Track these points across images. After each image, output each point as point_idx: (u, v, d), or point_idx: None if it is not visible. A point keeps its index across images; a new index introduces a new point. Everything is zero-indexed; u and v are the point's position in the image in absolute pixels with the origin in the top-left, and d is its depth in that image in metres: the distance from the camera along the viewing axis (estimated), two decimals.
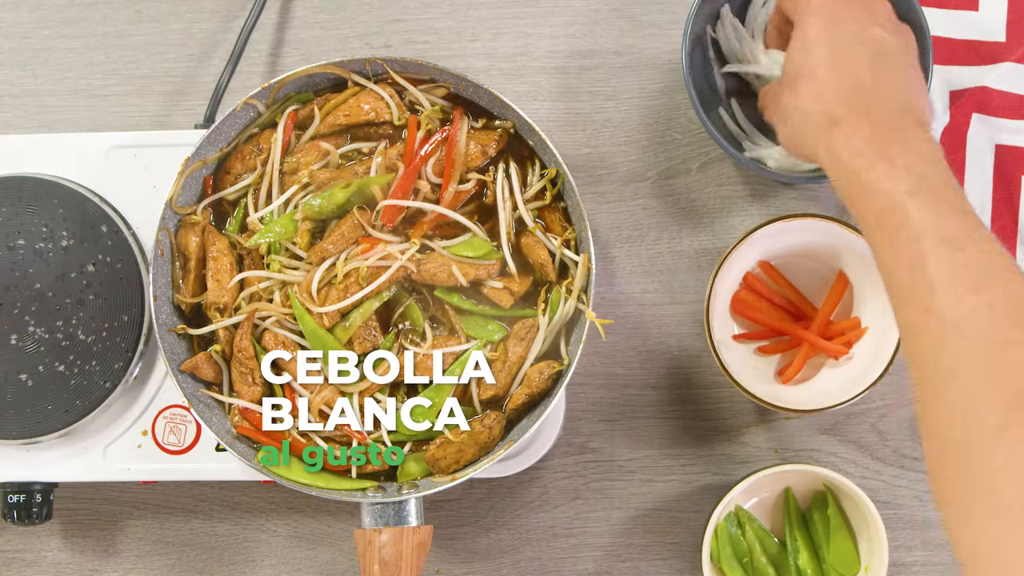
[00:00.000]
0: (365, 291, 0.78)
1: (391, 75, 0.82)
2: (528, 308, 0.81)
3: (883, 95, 0.69)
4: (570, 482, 0.91)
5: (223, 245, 0.82)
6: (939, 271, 0.61)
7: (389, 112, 0.82)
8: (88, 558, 0.93)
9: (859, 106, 0.68)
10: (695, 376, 0.91)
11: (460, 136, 0.80)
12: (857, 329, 0.86)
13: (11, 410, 0.83)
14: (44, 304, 0.83)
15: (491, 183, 0.81)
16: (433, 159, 0.81)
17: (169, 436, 0.84)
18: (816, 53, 0.71)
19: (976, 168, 0.90)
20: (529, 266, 0.82)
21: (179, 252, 0.82)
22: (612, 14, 0.94)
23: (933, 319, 0.61)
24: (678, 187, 0.92)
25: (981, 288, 0.60)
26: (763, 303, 0.88)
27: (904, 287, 0.63)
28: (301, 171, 0.81)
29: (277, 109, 0.83)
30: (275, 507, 0.92)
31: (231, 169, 0.83)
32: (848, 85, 0.69)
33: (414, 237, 0.80)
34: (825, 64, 0.70)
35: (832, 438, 0.90)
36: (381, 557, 0.76)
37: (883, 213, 0.64)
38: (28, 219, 0.84)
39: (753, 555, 0.86)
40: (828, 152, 0.68)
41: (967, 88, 0.90)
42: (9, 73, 0.97)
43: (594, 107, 0.93)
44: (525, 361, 0.80)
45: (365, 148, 0.83)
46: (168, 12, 0.96)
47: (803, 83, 0.71)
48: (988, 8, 0.90)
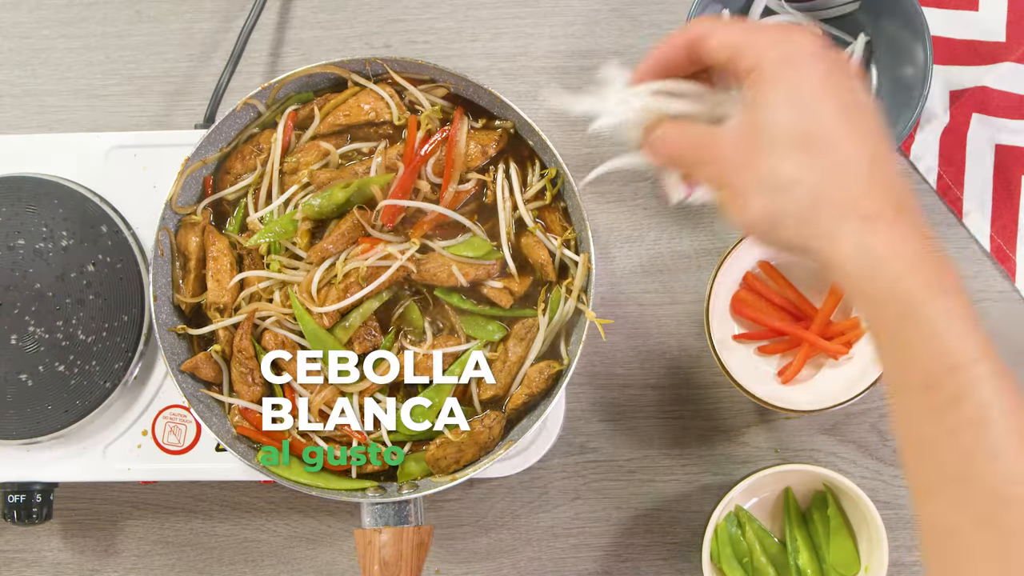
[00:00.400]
0: (365, 291, 0.78)
1: (391, 75, 0.82)
2: (528, 308, 0.81)
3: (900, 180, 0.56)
4: (570, 482, 0.91)
5: (223, 245, 0.82)
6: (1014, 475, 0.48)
7: (389, 112, 0.82)
8: (88, 558, 0.93)
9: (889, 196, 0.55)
10: (695, 376, 0.91)
11: (460, 136, 0.80)
12: (857, 329, 0.86)
13: (11, 410, 0.83)
14: (44, 304, 0.83)
15: (491, 183, 0.81)
16: (433, 159, 0.81)
17: (169, 436, 0.84)
18: (824, 113, 0.55)
19: (976, 168, 0.90)
20: (529, 266, 0.82)
21: (179, 252, 0.82)
22: (612, 14, 0.94)
23: (994, 533, 0.48)
24: None
25: None
26: (763, 303, 0.88)
27: (951, 480, 0.50)
28: (301, 171, 0.81)
29: (277, 109, 0.83)
30: (275, 507, 0.92)
31: (231, 169, 0.83)
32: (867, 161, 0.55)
33: (414, 237, 0.79)
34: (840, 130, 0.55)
35: (832, 438, 0.90)
36: (381, 557, 0.76)
37: (939, 375, 0.51)
38: (28, 219, 0.84)
39: (753, 555, 0.86)
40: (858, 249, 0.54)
41: (967, 88, 0.90)
42: (9, 73, 0.97)
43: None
44: (525, 361, 0.80)
45: (365, 148, 0.83)
46: (168, 12, 0.96)
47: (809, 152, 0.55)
48: (988, 8, 0.90)
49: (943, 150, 0.90)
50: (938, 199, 0.91)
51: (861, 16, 0.88)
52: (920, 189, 0.91)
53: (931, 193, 0.91)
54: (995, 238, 0.89)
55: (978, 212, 0.90)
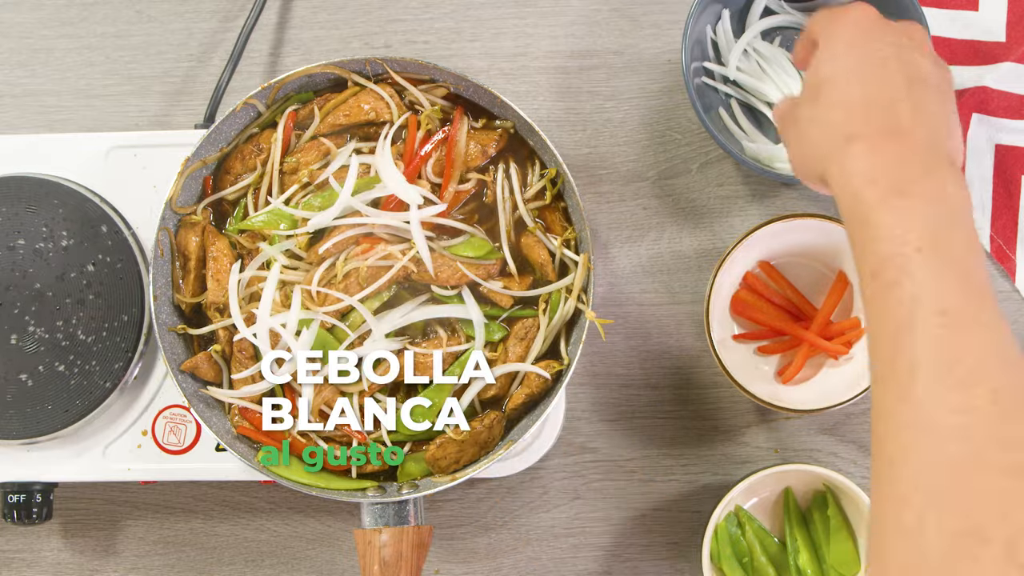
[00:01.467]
0: (365, 292, 0.78)
1: (391, 75, 0.82)
2: (528, 308, 0.81)
3: (917, 120, 0.59)
4: (570, 482, 0.91)
5: (223, 245, 0.82)
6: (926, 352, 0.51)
7: (389, 112, 0.82)
8: (88, 558, 0.93)
9: (886, 124, 0.59)
10: (695, 376, 0.91)
11: (460, 136, 0.80)
12: (857, 329, 0.86)
13: (11, 410, 0.83)
14: (44, 304, 0.83)
15: (491, 183, 0.81)
16: (433, 159, 0.81)
17: (169, 436, 0.84)
18: (845, 61, 0.62)
19: (976, 168, 0.90)
20: (529, 266, 0.82)
21: (179, 252, 0.82)
22: (612, 14, 0.94)
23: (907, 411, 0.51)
24: (678, 187, 0.92)
25: (970, 385, 0.50)
26: (763, 303, 0.88)
27: (883, 360, 0.53)
28: (301, 171, 0.81)
29: (277, 109, 0.83)
30: (275, 507, 0.92)
31: (231, 169, 0.83)
32: (878, 100, 0.60)
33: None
34: (854, 72, 0.61)
35: (832, 438, 0.90)
36: (381, 557, 0.76)
37: (882, 262, 0.54)
38: (28, 219, 0.84)
39: (753, 555, 0.86)
40: (840, 171, 0.58)
41: (967, 88, 0.90)
42: (9, 73, 0.97)
43: (594, 107, 0.93)
44: (525, 361, 0.80)
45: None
46: (168, 12, 0.96)
47: (825, 90, 0.62)
48: (988, 8, 0.90)
49: None
50: None
51: None
52: None
53: None
54: (995, 238, 0.89)
55: (978, 212, 0.90)
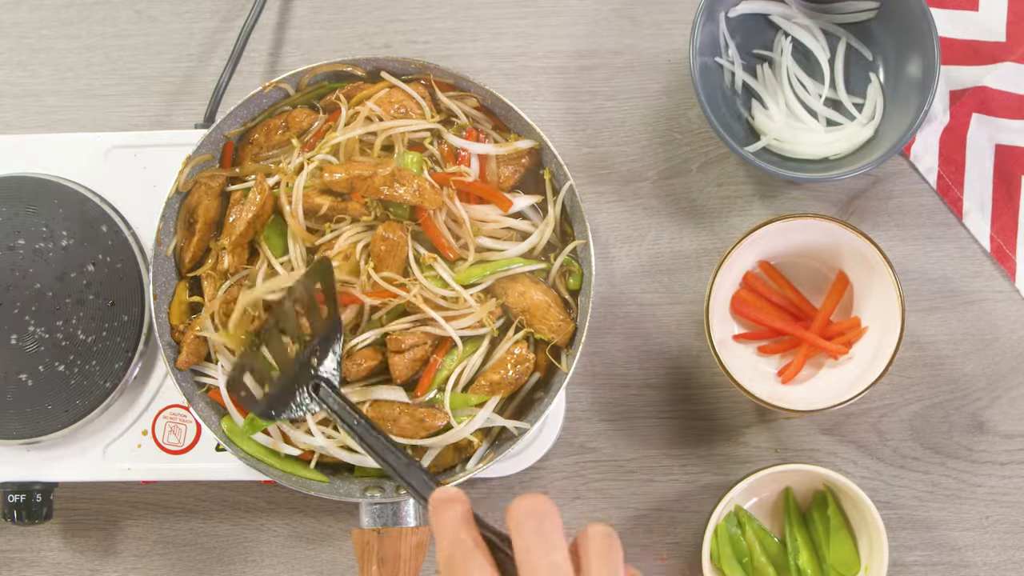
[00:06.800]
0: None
1: (427, 79, 0.82)
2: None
3: None
4: (570, 482, 0.91)
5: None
6: None
7: (420, 111, 0.81)
8: (88, 558, 0.93)
9: None
10: (695, 376, 0.91)
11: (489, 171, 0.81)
12: (857, 329, 0.86)
13: (11, 410, 0.83)
14: (44, 304, 0.83)
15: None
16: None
17: (169, 436, 0.84)
18: None
19: (976, 168, 0.90)
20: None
21: (188, 211, 0.81)
22: (612, 14, 0.94)
23: None
24: (678, 187, 0.92)
25: None
26: (763, 303, 0.88)
27: None
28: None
29: (311, 93, 0.83)
30: (275, 507, 0.92)
31: (253, 140, 0.82)
32: None
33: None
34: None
35: (832, 438, 0.90)
36: (379, 557, 0.76)
37: None
38: (28, 219, 0.84)
39: (753, 555, 0.86)
40: None
41: (967, 88, 0.90)
42: (9, 73, 0.97)
43: (594, 107, 0.93)
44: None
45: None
46: (168, 12, 0.96)
47: None
48: (988, 8, 0.90)
49: (943, 150, 0.90)
50: (938, 199, 0.91)
51: (873, 23, 0.89)
52: (920, 189, 0.91)
53: (931, 193, 0.91)
54: (995, 238, 0.89)
55: (978, 212, 0.90)
